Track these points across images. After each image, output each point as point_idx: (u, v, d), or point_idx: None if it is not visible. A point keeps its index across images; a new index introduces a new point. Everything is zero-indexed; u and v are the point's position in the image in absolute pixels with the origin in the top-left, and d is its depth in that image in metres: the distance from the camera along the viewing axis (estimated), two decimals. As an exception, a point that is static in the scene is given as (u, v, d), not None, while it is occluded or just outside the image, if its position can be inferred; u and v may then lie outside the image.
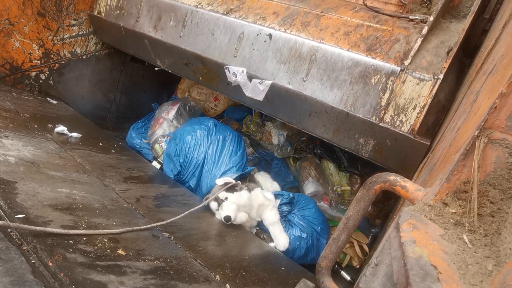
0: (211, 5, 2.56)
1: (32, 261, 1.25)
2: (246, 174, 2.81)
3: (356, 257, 2.86)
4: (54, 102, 3.36)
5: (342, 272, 2.76)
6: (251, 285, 1.74)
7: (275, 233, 2.46)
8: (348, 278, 2.71)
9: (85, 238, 1.49)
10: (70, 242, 1.43)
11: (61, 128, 2.67)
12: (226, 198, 2.31)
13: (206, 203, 2.32)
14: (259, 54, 2.26)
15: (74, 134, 2.72)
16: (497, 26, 1.58)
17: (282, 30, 2.19)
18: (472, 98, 1.15)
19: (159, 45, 2.84)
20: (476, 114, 0.91)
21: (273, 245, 2.43)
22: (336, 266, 2.78)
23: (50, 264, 1.26)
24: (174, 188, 2.65)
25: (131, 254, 1.54)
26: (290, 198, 2.69)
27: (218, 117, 4.14)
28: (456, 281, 0.58)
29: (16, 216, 1.44)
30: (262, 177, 3.01)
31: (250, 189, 2.51)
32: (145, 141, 3.60)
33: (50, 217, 1.53)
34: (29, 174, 1.83)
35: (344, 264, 2.84)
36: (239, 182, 2.50)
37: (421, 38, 1.80)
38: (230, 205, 2.29)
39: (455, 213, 0.75)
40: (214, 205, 2.35)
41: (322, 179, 3.28)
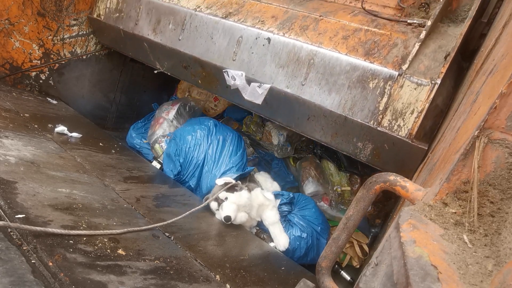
0: (210, 8, 2.56)
1: (32, 261, 1.25)
2: (246, 174, 2.81)
3: (356, 257, 2.86)
4: (54, 102, 3.36)
5: (342, 272, 2.76)
6: (251, 285, 1.74)
7: (275, 233, 2.46)
8: (348, 278, 2.72)
9: (85, 238, 1.49)
10: (70, 242, 1.43)
11: (61, 128, 2.67)
12: (226, 198, 2.31)
13: (206, 203, 2.32)
14: (258, 58, 2.26)
15: (74, 134, 2.72)
16: (497, 26, 1.58)
17: (281, 34, 2.19)
18: (472, 98, 1.15)
19: (158, 48, 2.83)
20: (476, 114, 0.91)
21: (273, 245, 2.43)
22: (336, 266, 2.78)
23: (50, 264, 1.26)
24: (174, 188, 2.65)
25: (131, 254, 1.54)
26: (290, 198, 2.69)
27: (218, 117, 4.14)
28: (456, 281, 0.58)
29: (16, 216, 1.44)
30: (262, 177, 3.01)
31: (250, 189, 2.51)
32: (145, 141, 3.60)
33: (50, 217, 1.53)
34: (29, 174, 1.83)
35: (344, 264, 2.84)
36: (239, 182, 2.50)
37: (419, 42, 1.80)
38: (230, 205, 2.29)
39: (455, 213, 0.75)
40: (214, 205, 2.35)
41: (322, 179, 3.28)
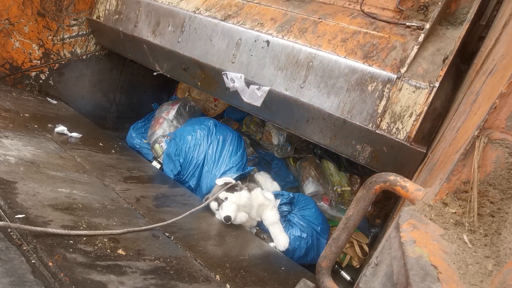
0: (209, 11, 2.56)
1: (32, 261, 1.25)
2: (246, 174, 2.81)
3: (356, 257, 2.86)
4: (54, 102, 3.36)
5: (342, 272, 2.76)
6: (251, 285, 1.74)
7: (275, 233, 2.46)
8: (348, 278, 2.72)
9: (85, 238, 1.49)
10: (70, 242, 1.43)
11: (61, 128, 2.67)
12: (226, 198, 2.31)
13: (206, 203, 2.32)
14: (257, 60, 2.26)
15: (74, 134, 2.72)
16: (496, 26, 1.58)
17: (280, 36, 2.19)
18: (472, 98, 1.15)
19: (158, 50, 2.83)
20: (476, 114, 0.91)
21: (273, 245, 2.43)
22: (336, 266, 2.78)
23: (50, 264, 1.26)
24: (174, 188, 2.65)
25: (131, 254, 1.54)
26: (290, 198, 2.69)
27: (218, 117, 4.14)
28: (456, 281, 0.58)
29: (16, 216, 1.44)
30: (262, 177, 3.01)
31: (250, 189, 2.51)
32: (145, 141, 3.60)
33: (50, 217, 1.53)
34: (29, 174, 1.83)
35: (344, 264, 2.84)
36: (239, 182, 2.50)
37: (417, 45, 1.80)
38: (230, 205, 2.29)
39: (455, 213, 0.75)
40: (214, 205, 2.35)
41: (322, 179, 3.28)
